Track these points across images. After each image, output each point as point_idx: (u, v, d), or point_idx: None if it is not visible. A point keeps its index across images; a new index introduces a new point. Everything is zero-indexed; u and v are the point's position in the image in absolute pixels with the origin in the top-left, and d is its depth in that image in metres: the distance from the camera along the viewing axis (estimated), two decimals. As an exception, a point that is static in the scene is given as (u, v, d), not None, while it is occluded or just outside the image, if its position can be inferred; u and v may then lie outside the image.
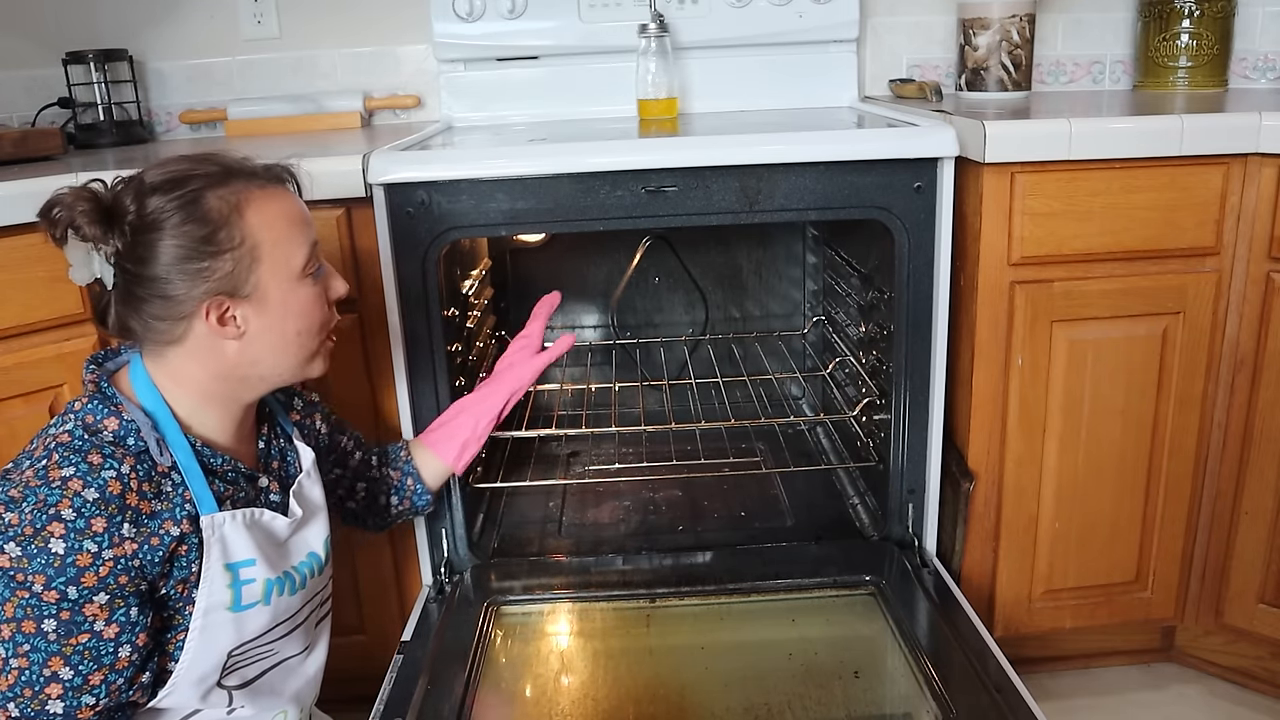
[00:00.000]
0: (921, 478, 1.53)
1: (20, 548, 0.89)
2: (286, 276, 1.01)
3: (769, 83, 1.94)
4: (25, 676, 0.90)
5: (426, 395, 1.46)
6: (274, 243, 1.00)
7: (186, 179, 0.96)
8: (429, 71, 1.99)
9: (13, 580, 0.89)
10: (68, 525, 0.90)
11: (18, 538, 0.89)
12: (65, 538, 0.89)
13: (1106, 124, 1.41)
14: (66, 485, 0.91)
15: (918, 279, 1.44)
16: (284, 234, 1.01)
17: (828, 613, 1.44)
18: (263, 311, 1.01)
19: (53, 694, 0.91)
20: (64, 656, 0.91)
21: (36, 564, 0.89)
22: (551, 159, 1.38)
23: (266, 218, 0.99)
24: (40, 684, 0.91)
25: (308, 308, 1.04)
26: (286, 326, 1.03)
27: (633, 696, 1.27)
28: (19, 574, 0.89)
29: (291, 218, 1.03)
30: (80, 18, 1.94)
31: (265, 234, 0.99)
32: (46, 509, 0.90)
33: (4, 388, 1.31)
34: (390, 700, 1.22)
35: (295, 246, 1.02)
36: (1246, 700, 1.65)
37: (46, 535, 0.89)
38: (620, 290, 2.12)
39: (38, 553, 0.89)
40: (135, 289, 0.97)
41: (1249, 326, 1.48)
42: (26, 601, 0.89)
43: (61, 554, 0.89)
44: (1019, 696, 1.17)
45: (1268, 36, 1.95)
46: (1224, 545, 1.57)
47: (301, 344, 1.05)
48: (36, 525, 0.89)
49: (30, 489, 0.91)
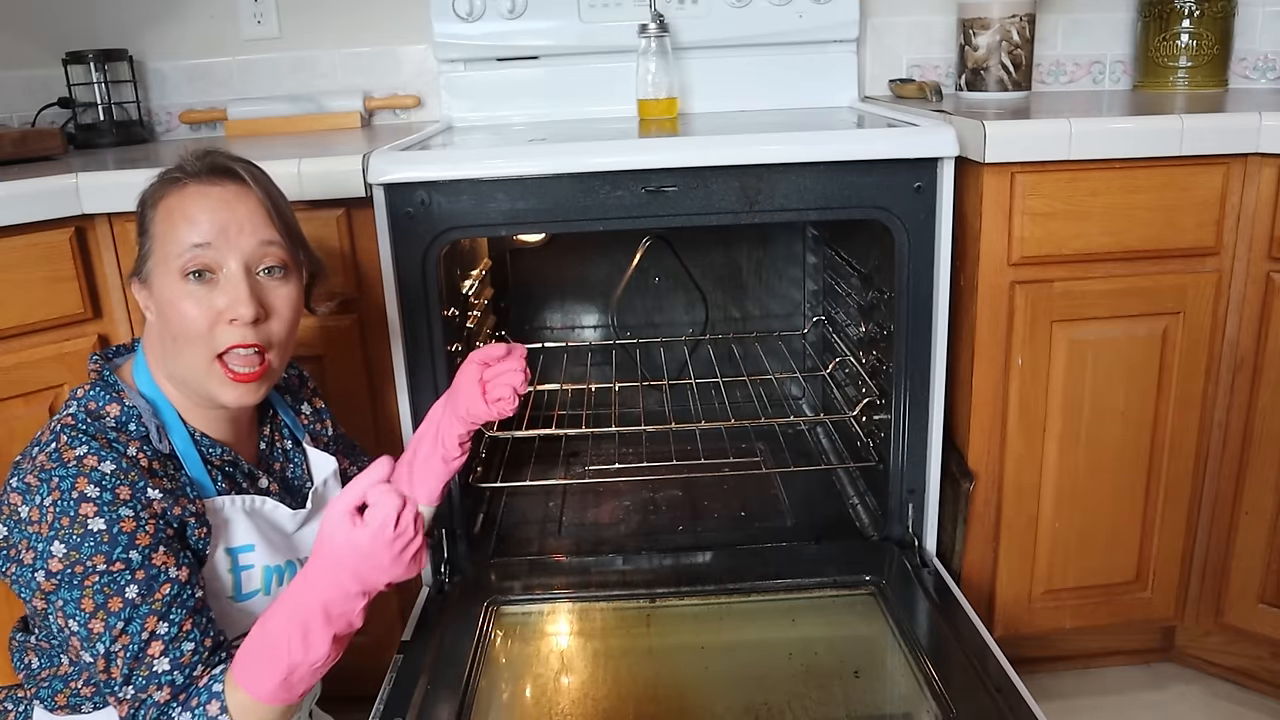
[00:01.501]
0: (921, 478, 1.53)
1: (65, 544, 0.89)
2: (166, 271, 0.98)
3: (769, 83, 1.94)
4: (130, 652, 0.91)
5: (426, 395, 1.45)
6: (163, 236, 0.98)
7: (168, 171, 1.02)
8: (429, 71, 1.99)
9: (75, 575, 0.90)
10: (98, 501, 0.90)
11: (58, 535, 0.89)
12: (101, 513, 0.90)
13: (1106, 124, 1.41)
14: (82, 463, 0.92)
15: (918, 279, 1.44)
16: (175, 230, 0.97)
17: (828, 613, 1.44)
18: (154, 301, 1.01)
19: (155, 653, 0.91)
20: (157, 613, 0.92)
21: (88, 549, 0.89)
22: (551, 159, 1.38)
23: (165, 212, 0.99)
24: (143, 651, 0.91)
25: (180, 311, 0.97)
26: (165, 325, 0.99)
27: (633, 696, 1.27)
28: (77, 566, 0.89)
29: (185, 215, 0.97)
30: (80, 18, 1.94)
31: (161, 225, 0.99)
32: (69, 493, 0.90)
33: (4, 388, 1.31)
34: (390, 700, 1.22)
35: (180, 245, 0.97)
36: (1246, 700, 1.65)
37: (82, 519, 0.90)
38: (620, 290, 2.12)
39: (82, 539, 0.89)
40: None
41: (1249, 326, 1.48)
42: (99, 584, 0.90)
43: (105, 528, 0.90)
44: (1019, 696, 1.17)
45: (1268, 36, 1.95)
46: (1224, 545, 1.57)
47: (180, 351, 0.99)
48: (69, 514, 0.90)
49: (46, 472, 0.92)
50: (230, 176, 1.00)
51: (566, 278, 2.14)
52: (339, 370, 1.48)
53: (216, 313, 0.97)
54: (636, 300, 2.14)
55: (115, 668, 0.91)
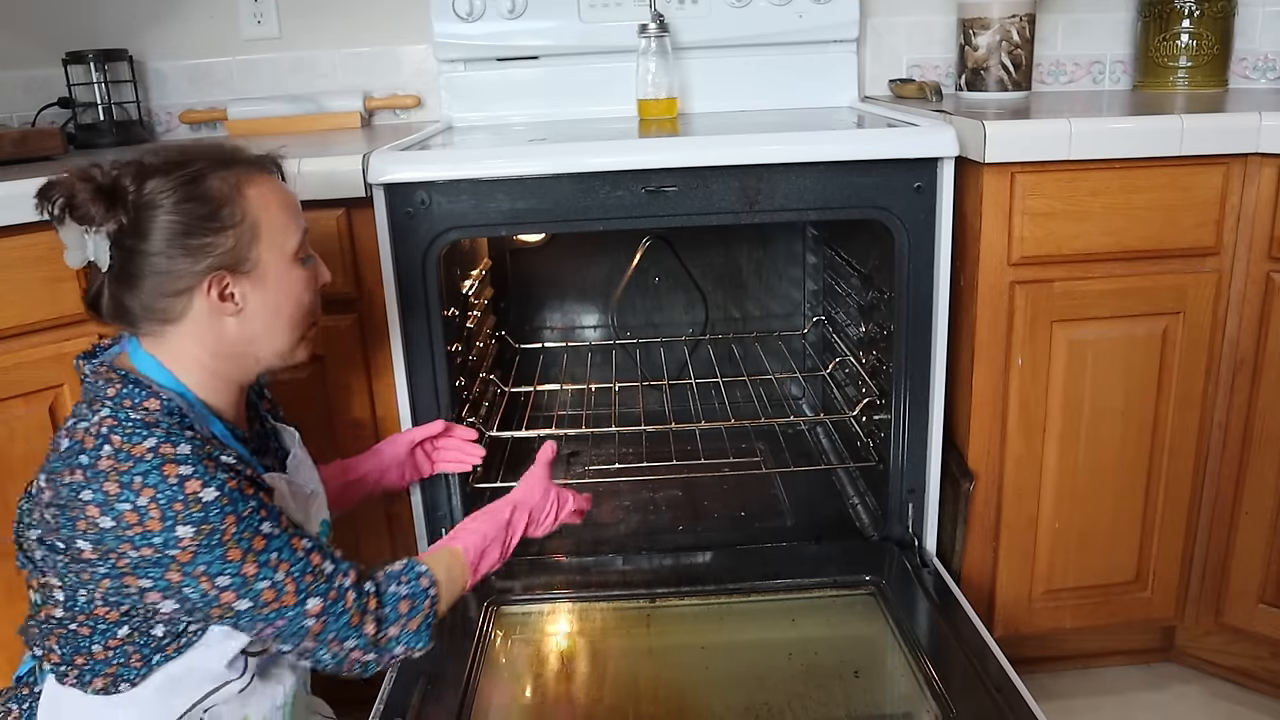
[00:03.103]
0: (921, 478, 1.53)
1: (190, 524, 0.92)
2: (281, 256, 1.04)
3: (769, 83, 1.94)
4: (297, 570, 0.98)
5: (426, 395, 1.46)
6: (271, 222, 1.02)
7: (185, 162, 0.99)
8: (429, 71, 1.99)
9: (216, 540, 0.93)
10: (196, 475, 0.92)
11: (178, 520, 0.91)
12: (207, 483, 0.93)
13: (1106, 124, 1.41)
14: (158, 452, 0.93)
15: (918, 279, 1.44)
16: (280, 216, 1.04)
17: (828, 613, 1.44)
18: (260, 288, 1.03)
19: (318, 560, 1.00)
20: (293, 534, 0.99)
21: (215, 515, 0.93)
22: (551, 159, 1.38)
23: (264, 199, 1.02)
24: (307, 563, 0.99)
25: (299, 290, 1.07)
26: (280, 306, 1.05)
27: (633, 696, 1.27)
28: (213, 535, 0.93)
29: (285, 203, 1.06)
30: (80, 18, 1.94)
31: (264, 214, 1.02)
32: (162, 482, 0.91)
33: (4, 388, 1.31)
34: (390, 700, 1.22)
35: (290, 230, 1.05)
36: (1246, 700, 1.65)
37: (194, 496, 0.92)
38: (620, 290, 2.12)
39: (204, 509, 0.92)
40: (134, 267, 0.98)
41: (1249, 326, 1.48)
42: (238, 534, 0.94)
43: (218, 491, 0.93)
44: (1019, 696, 1.17)
45: (1268, 36, 1.95)
46: (1224, 545, 1.57)
47: (291, 326, 1.07)
48: (178, 498, 0.91)
49: (123, 474, 0.91)
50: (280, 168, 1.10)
51: (566, 278, 2.14)
52: (339, 370, 1.48)
53: (318, 288, 1.11)
54: (636, 300, 2.14)
55: (287, 594, 0.97)
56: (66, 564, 0.95)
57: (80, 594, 0.96)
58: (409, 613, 1.05)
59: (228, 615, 0.97)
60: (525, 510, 1.24)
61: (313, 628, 0.99)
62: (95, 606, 0.97)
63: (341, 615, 1.00)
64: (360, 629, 1.01)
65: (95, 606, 0.97)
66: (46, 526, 0.95)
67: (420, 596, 1.07)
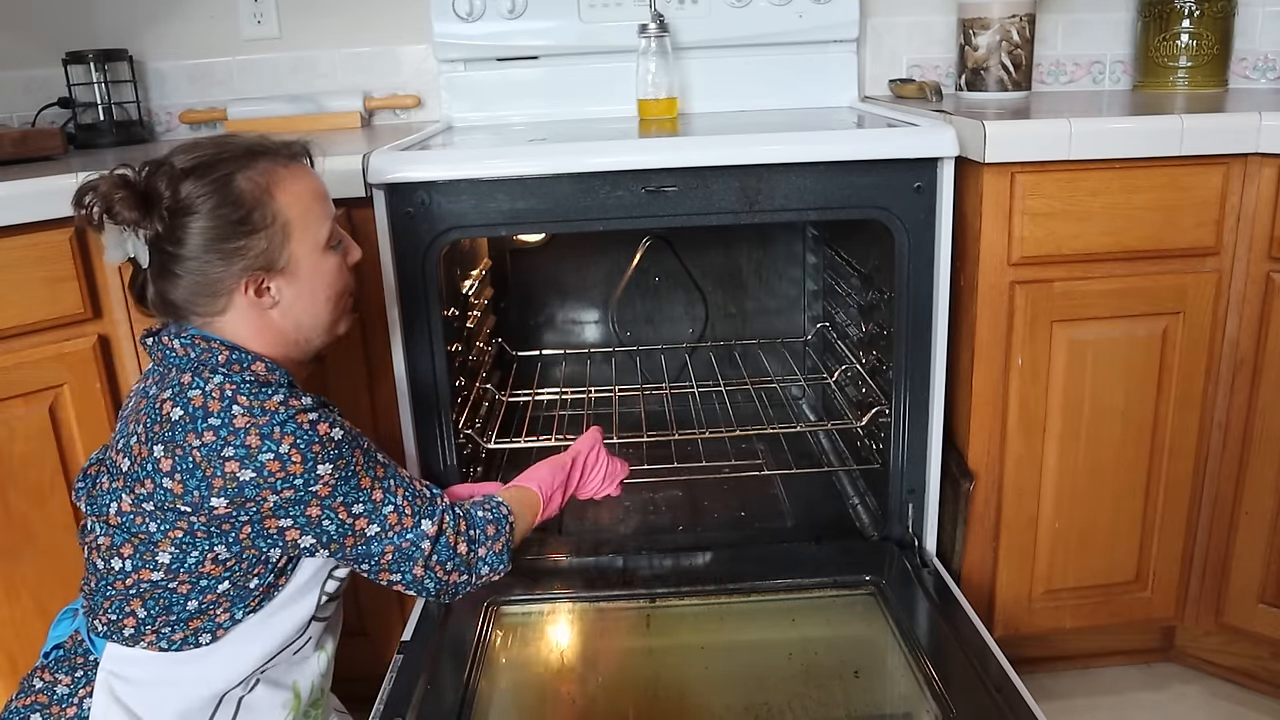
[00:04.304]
0: (921, 478, 1.53)
1: (329, 461, 1.02)
2: (314, 249, 1.09)
3: (769, 83, 1.94)
4: (410, 494, 1.11)
5: (426, 395, 1.46)
6: (302, 219, 1.07)
7: (217, 162, 1.02)
8: (429, 71, 1.99)
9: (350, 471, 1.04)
10: (324, 420, 1.03)
11: (318, 459, 1.01)
12: (334, 425, 1.04)
13: (1106, 124, 1.41)
14: (287, 404, 1.02)
15: (918, 279, 1.44)
16: (310, 210, 1.09)
17: (828, 613, 1.44)
18: (295, 282, 1.08)
19: (419, 486, 1.13)
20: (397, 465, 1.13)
21: (346, 450, 1.04)
22: (551, 159, 1.38)
23: (294, 196, 1.06)
24: (413, 488, 1.12)
25: (333, 276, 1.13)
26: (317, 294, 1.11)
27: (633, 696, 1.27)
28: (348, 468, 1.04)
29: (315, 194, 1.10)
30: (80, 18, 1.94)
31: (294, 211, 1.06)
32: (298, 430, 1.01)
33: (4, 388, 1.31)
34: (390, 700, 1.22)
35: (320, 222, 1.10)
36: (1246, 700, 1.65)
37: (327, 436, 1.02)
38: (620, 290, 2.12)
39: (338, 448, 1.03)
40: (173, 267, 1.03)
41: (1249, 326, 1.48)
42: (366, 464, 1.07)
43: (344, 432, 1.05)
44: (1019, 696, 1.17)
45: (1268, 36, 1.95)
46: (1224, 545, 1.57)
47: (331, 308, 1.14)
48: (316, 440, 1.01)
49: (263, 427, 0.99)
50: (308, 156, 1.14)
51: (566, 278, 2.14)
52: (339, 370, 1.48)
53: (349, 267, 1.16)
54: (636, 300, 2.14)
55: (407, 516, 1.09)
56: (198, 524, 1.00)
57: (192, 554, 1.02)
58: (495, 535, 1.17)
59: (360, 543, 1.07)
60: (581, 460, 1.33)
61: (426, 549, 1.09)
62: (203, 565, 1.02)
63: (444, 535, 1.11)
64: (455, 549, 1.12)
65: (203, 565, 1.02)
66: (169, 495, 1.00)
67: (503, 522, 1.18)
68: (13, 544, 1.34)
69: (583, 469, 1.34)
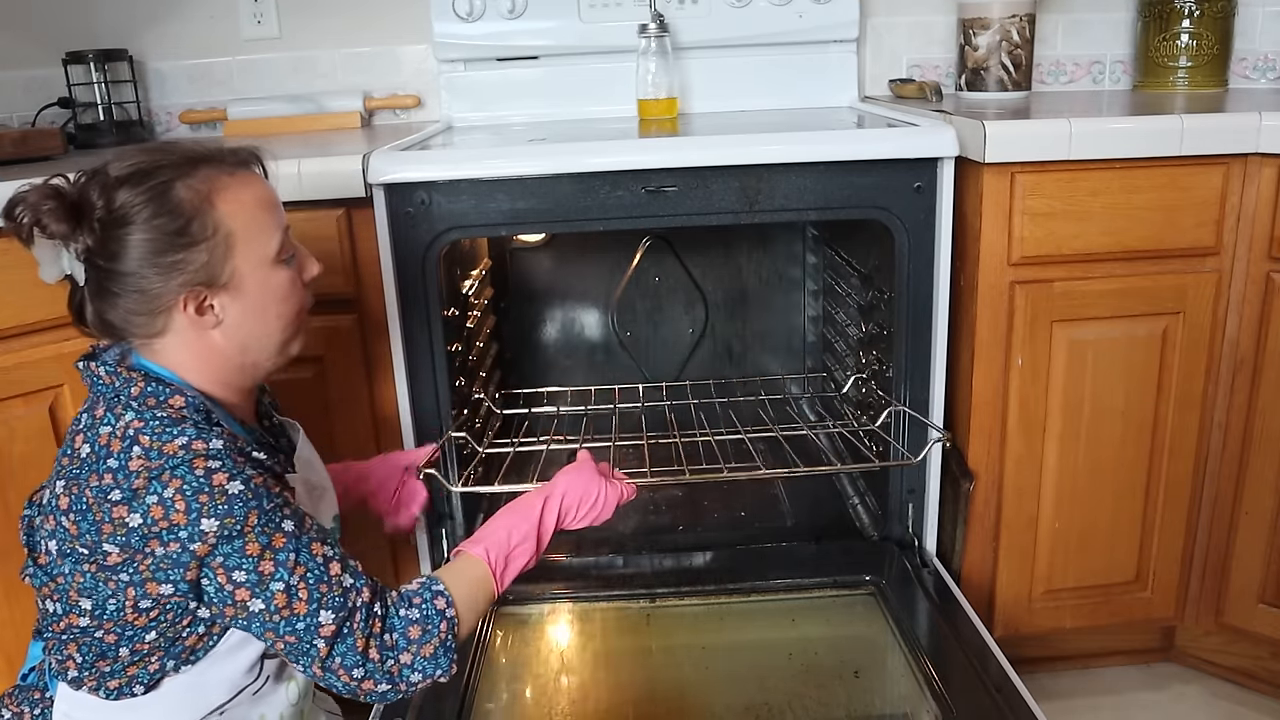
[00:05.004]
0: (921, 478, 1.53)
1: (214, 517, 0.90)
2: (260, 263, 0.99)
3: (769, 83, 1.94)
4: (312, 578, 0.94)
5: (426, 395, 1.46)
6: (247, 230, 0.98)
7: (154, 170, 0.94)
8: (429, 71, 1.99)
9: (236, 535, 0.91)
10: (224, 470, 0.91)
11: (203, 512, 0.90)
12: (233, 476, 0.91)
13: (1106, 124, 1.41)
14: (189, 448, 0.91)
15: (918, 279, 1.44)
16: (256, 221, 0.99)
17: (828, 613, 1.44)
18: (240, 298, 0.99)
19: (336, 571, 0.96)
20: (315, 539, 0.96)
21: (239, 509, 0.91)
22: (551, 159, 1.38)
23: (237, 206, 0.97)
24: (325, 571, 0.95)
25: (285, 292, 1.02)
26: (266, 312, 1.01)
27: (633, 696, 1.27)
28: (235, 527, 0.91)
29: (262, 204, 1.00)
30: (80, 18, 1.93)
31: (238, 222, 0.97)
32: (190, 476, 0.90)
33: (4, 388, 1.31)
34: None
35: (268, 233, 1.00)
36: (1246, 700, 1.65)
37: (220, 487, 0.91)
38: (620, 290, 2.12)
39: (229, 504, 0.90)
40: (109, 284, 0.95)
41: (1249, 326, 1.48)
42: (259, 527, 0.92)
43: (244, 485, 0.92)
44: (1019, 696, 1.17)
45: (1268, 36, 1.95)
46: (1224, 545, 1.57)
47: (281, 327, 1.04)
48: (205, 490, 0.90)
49: (152, 470, 0.90)
50: (260, 163, 1.05)
51: (566, 278, 2.14)
52: (339, 370, 1.48)
53: (303, 282, 1.06)
54: (636, 300, 2.14)
55: (299, 602, 0.93)
56: (93, 574, 0.93)
57: (110, 603, 0.94)
58: (421, 638, 0.98)
59: (241, 615, 0.94)
60: (558, 500, 1.16)
61: (322, 650, 0.94)
62: (125, 613, 0.95)
63: (349, 636, 0.94)
64: (366, 655, 0.95)
65: (125, 613, 0.95)
66: (66, 536, 0.93)
67: (434, 619, 0.99)
68: (13, 544, 1.34)
69: (560, 511, 1.15)
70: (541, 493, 1.15)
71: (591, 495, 1.18)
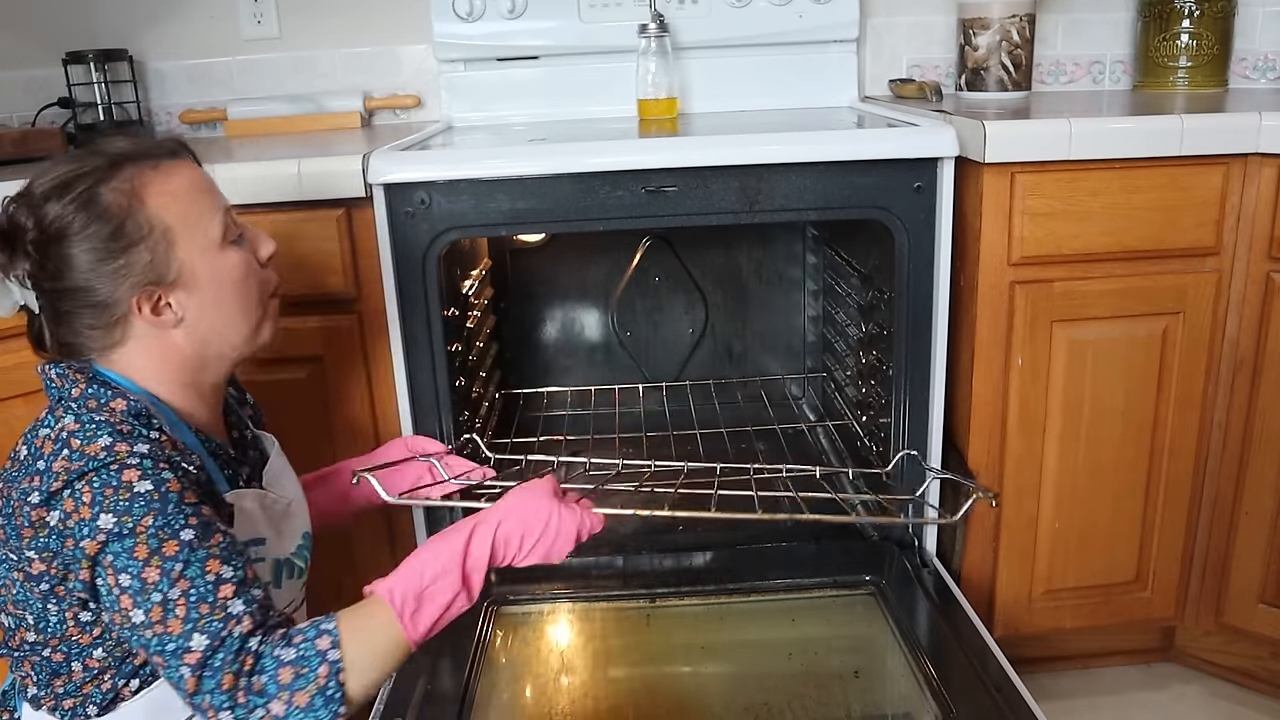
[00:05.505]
0: (921, 478, 1.52)
1: (113, 515, 0.86)
2: (206, 249, 0.97)
3: (769, 83, 1.94)
4: (195, 596, 0.86)
5: (426, 395, 1.45)
6: (183, 220, 0.95)
7: (76, 179, 0.92)
8: (429, 71, 1.99)
9: (128, 534, 0.86)
10: (139, 468, 0.87)
11: (103, 507, 0.86)
12: (146, 477, 0.87)
13: (1106, 124, 1.41)
14: (112, 450, 0.88)
15: (918, 279, 1.44)
16: (191, 208, 0.96)
17: (828, 613, 1.44)
18: (194, 291, 0.97)
19: (227, 594, 0.87)
20: (216, 556, 0.88)
21: (139, 508, 0.86)
22: (551, 159, 1.38)
23: (168, 197, 0.95)
24: (212, 593, 0.87)
25: (239, 274, 1.00)
26: (223, 299, 0.99)
27: (633, 696, 1.27)
28: (129, 525, 0.86)
29: (194, 190, 0.98)
30: (80, 18, 1.94)
31: (172, 214, 0.94)
32: (107, 472, 0.87)
33: (4, 388, 1.31)
34: (390, 700, 1.22)
35: (207, 217, 0.97)
36: (1246, 700, 1.65)
37: (127, 484, 0.87)
38: (620, 290, 2.12)
39: (130, 501, 0.86)
40: (60, 304, 0.94)
41: (1249, 326, 1.48)
42: (153, 530, 0.86)
43: (153, 487, 0.87)
44: (1019, 696, 1.17)
45: (1268, 36, 1.95)
46: (1224, 545, 1.57)
47: (244, 312, 1.01)
48: (112, 484, 0.86)
49: (72, 473, 0.87)
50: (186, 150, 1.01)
51: (566, 278, 2.14)
52: (338, 370, 1.48)
53: (260, 262, 1.03)
54: (636, 300, 2.14)
55: (174, 620, 0.85)
56: (22, 583, 0.91)
57: (52, 617, 0.92)
58: (293, 684, 0.86)
59: (126, 626, 0.87)
60: (490, 529, 1.00)
61: (189, 681, 0.85)
62: (68, 628, 0.92)
63: (217, 671, 0.85)
64: (234, 696, 0.84)
65: (68, 628, 0.92)
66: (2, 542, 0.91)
67: (313, 662, 0.87)
68: None
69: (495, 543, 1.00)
70: (471, 521, 1.01)
71: (539, 524, 1.02)
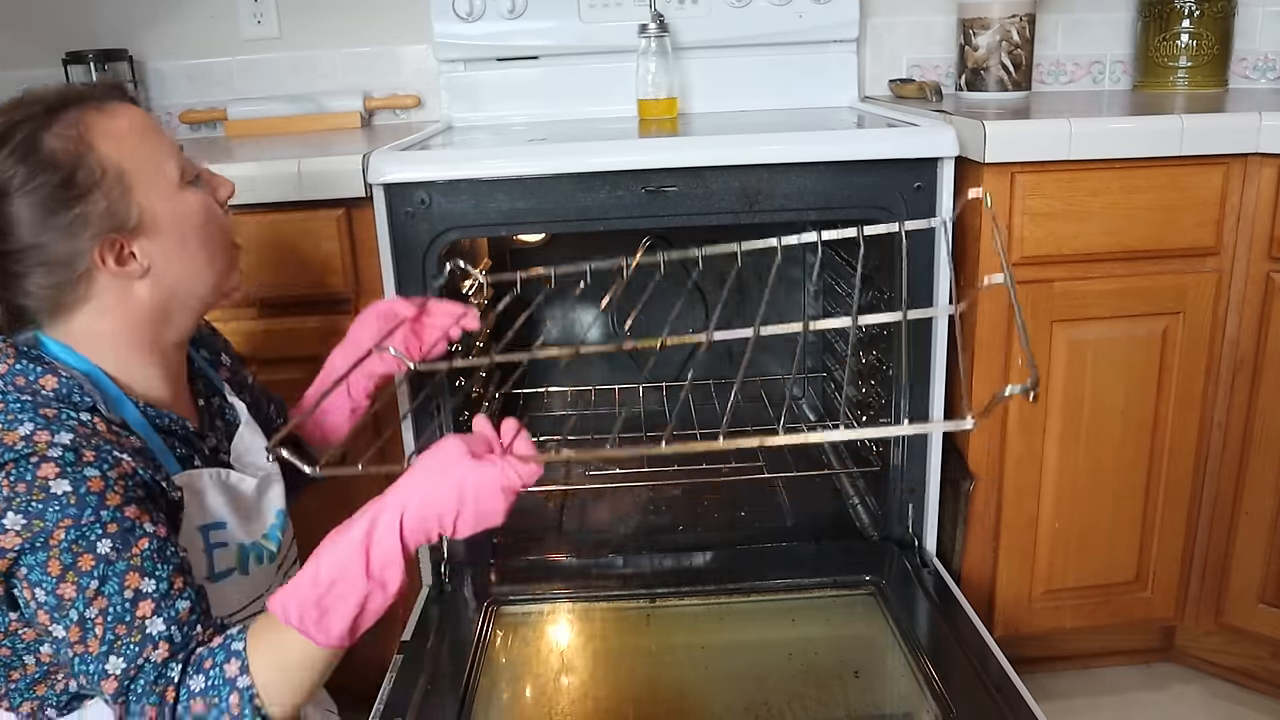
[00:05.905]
0: (921, 478, 1.53)
1: (22, 514, 0.79)
2: (166, 191, 0.91)
3: (769, 83, 1.94)
4: (111, 615, 0.80)
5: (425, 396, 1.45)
6: (137, 162, 0.89)
7: (12, 129, 0.84)
8: (429, 71, 1.99)
9: (40, 547, 0.80)
10: (60, 463, 0.80)
11: (11, 505, 0.79)
12: (64, 475, 0.80)
13: (1106, 124, 1.41)
14: (32, 440, 0.81)
15: (918, 279, 1.44)
16: (144, 149, 0.90)
17: (828, 613, 1.44)
18: (157, 238, 0.91)
19: (146, 612, 0.81)
20: (136, 568, 0.82)
21: (52, 514, 0.80)
22: (551, 159, 1.38)
23: (118, 140, 0.88)
24: (129, 612, 0.81)
25: (202, 216, 0.94)
26: (188, 244, 0.93)
27: (633, 696, 1.27)
28: (40, 537, 0.80)
29: (144, 130, 0.91)
30: (80, 18, 1.93)
31: (125, 156, 0.88)
32: (24, 465, 0.80)
33: (4, 388, 1.31)
34: (390, 700, 1.22)
35: (161, 157, 0.92)
36: (1246, 700, 1.65)
37: (42, 483, 0.80)
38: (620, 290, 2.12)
39: (44, 504, 0.80)
40: (11, 266, 0.86)
41: (1249, 326, 1.48)
42: (66, 544, 0.80)
43: (70, 489, 0.80)
44: (1019, 696, 1.17)
45: (1268, 36, 1.95)
46: (1224, 545, 1.57)
47: (209, 256, 0.96)
48: (26, 479, 0.80)
49: None
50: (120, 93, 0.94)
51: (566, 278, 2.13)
52: (339, 370, 1.48)
53: (219, 204, 0.98)
54: (636, 300, 2.14)
55: (93, 639, 0.80)
56: None
57: None
58: (204, 713, 0.80)
59: (50, 641, 0.82)
60: (395, 515, 0.83)
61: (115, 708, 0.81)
62: (9, 622, 0.87)
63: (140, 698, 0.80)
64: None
65: (9, 622, 0.87)
66: None
67: (223, 691, 0.80)
68: None
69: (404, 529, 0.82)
70: (370, 511, 0.84)
71: (448, 497, 0.83)
